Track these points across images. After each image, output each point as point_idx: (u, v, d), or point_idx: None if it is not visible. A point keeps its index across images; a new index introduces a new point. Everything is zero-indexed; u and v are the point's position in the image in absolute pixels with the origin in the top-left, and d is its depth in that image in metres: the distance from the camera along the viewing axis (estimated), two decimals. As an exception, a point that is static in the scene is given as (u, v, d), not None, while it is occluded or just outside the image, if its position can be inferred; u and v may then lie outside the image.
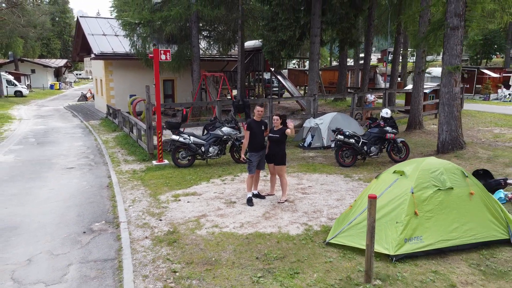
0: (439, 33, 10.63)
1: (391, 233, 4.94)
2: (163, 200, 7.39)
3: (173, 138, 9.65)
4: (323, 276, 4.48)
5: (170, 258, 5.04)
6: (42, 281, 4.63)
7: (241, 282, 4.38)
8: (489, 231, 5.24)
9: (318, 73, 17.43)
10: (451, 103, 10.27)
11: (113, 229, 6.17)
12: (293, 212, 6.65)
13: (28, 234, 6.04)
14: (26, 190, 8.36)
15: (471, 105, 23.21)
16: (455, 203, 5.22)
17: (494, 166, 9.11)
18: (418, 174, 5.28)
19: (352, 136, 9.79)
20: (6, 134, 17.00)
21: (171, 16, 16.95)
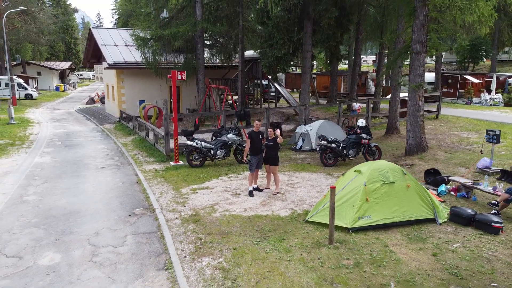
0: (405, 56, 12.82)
1: (349, 213, 7.14)
2: (184, 192, 9.59)
3: (188, 143, 11.85)
4: (301, 241, 6.68)
5: (196, 230, 7.23)
6: (111, 245, 6.83)
7: (246, 244, 6.57)
8: (419, 213, 7.45)
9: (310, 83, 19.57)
10: (416, 114, 12.49)
11: (150, 213, 8.37)
12: (283, 201, 8.85)
13: (89, 216, 8.22)
14: (74, 185, 10.54)
15: (452, 109, 25.36)
16: (395, 193, 7.42)
17: (446, 166, 11.33)
18: (370, 172, 7.49)
19: (333, 141, 12.00)
20: (32, 138, 19.13)
21: (180, 32, 19.15)
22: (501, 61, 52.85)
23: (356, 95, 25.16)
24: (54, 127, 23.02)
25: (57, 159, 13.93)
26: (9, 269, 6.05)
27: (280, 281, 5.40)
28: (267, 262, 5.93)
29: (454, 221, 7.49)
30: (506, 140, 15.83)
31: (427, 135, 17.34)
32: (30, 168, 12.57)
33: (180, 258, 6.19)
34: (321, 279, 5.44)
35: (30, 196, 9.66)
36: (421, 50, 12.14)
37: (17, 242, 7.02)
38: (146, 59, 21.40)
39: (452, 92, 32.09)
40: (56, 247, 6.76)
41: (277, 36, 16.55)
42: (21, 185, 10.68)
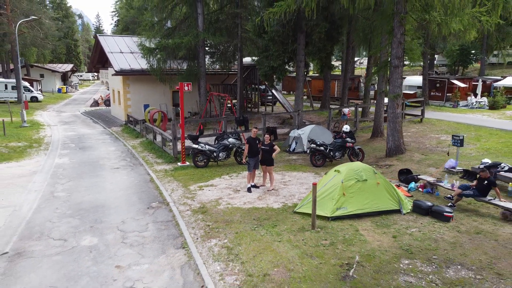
0: (385, 69, 14.48)
1: (329, 205, 8.78)
2: (192, 189, 11.22)
3: (193, 147, 13.47)
4: (289, 227, 8.31)
5: (204, 219, 8.86)
6: (136, 230, 8.45)
7: (245, 230, 8.20)
8: (387, 205, 9.09)
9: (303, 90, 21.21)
10: (395, 120, 14.15)
11: (165, 206, 9.99)
12: (277, 196, 10.49)
13: (113, 209, 9.84)
14: (95, 184, 12.15)
15: (437, 113, 27.04)
16: (367, 188, 9.06)
17: (419, 166, 13.00)
18: (347, 171, 9.14)
19: (322, 145, 13.66)
20: (47, 140, 20.69)
21: (183, 43, 20.76)
22: (491, 63, 54.67)
23: (347, 100, 26.79)
24: (65, 129, 24.56)
25: (75, 160, 15.52)
26: (58, 248, 7.66)
27: (272, 255, 7.03)
28: (262, 242, 7.57)
29: (416, 211, 9.14)
30: (479, 142, 17.55)
31: (410, 138, 19.09)
32: (53, 169, 14.16)
33: (193, 239, 7.83)
34: (303, 254, 7.08)
35: (59, 193, 11.27)
36: (398, 64, 13.80)
37: (59, 229, 8.64)
38: (151, 67, 22.96)
39: (440, 95, 33.78)
40: (92, 233, 8.38)
41: (273, 48, 18.20)
42: (49, 183, 12.27)
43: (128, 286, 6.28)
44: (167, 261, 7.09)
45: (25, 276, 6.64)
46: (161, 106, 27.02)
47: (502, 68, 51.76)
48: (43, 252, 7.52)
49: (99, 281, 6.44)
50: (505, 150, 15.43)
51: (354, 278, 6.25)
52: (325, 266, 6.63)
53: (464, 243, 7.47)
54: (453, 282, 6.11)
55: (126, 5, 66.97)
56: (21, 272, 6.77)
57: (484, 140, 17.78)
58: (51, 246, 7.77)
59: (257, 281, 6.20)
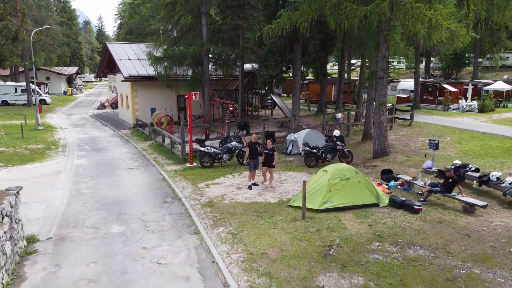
0: (372, 80, 16.12)
1: (318, 199, 10.42)
2: (200, 187, 12.86)
3: (200, 149, 15.13)
4: (283, 218, 9.95)
5: (212, 212, 10.51)
6: (155, 220, 10.10)
7: (246, 220, 9.84)
8: (367, 199, 10.73)
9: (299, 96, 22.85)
10: (380, 125, 15.79)
11: (178, 201, 11.64)
12: (274, 192, 12.13)
13: (134, 203, 11.49)
14: (114, 182, 13.80)
15: (427, 116, 28.58)
16: (350, 186, 10.69)
17: (401, 167, 14.63)
18: (332, 171, 10.78)
19: (314, 147, 15.30)
20: (62, 142, 22.35)
21: (189, 52, 22.42)
22: (485, 66, 56.20)
23: (342, 104, 28.39)
24: (77, 132, 26.22)
25: (92, 161, 17.17)
26: (93, 234, 9.31)
27: (268, 239, 8.67)
28: (260, 229, 9.21)
29: (391, 205, 10.77)
30: (460, 145, 19.19)
31: (398, 140, 20.75)
32: (74, 169, 15.82)
33: (204, 227, 9.48)
34: (294, 238, 8.72)
35: (84, 190, 12.92)
36: (383, 76, 15.44)
37: (90, 219, 10.29)
38: (159, 74, 24.62)
39: (432, 99, 35.39)
40: (118, 222, 10.04)
41: (271, 59, 19.85)
42: (73, 181, 13.93)
43: (155, 261, 7.93)
44: (184, 243, 8.74)
45: (71, 255, 8.29)
46: (167, 110, 28.68)
47: (496, 71, 53.19)
48: (81, 237, 9.17)
49: (131, 258, 8.08)
50: (480, 152, 17.08)
51: (333, 256, 7.89)
52: (311, 247, 8.27)
53: (426, 230, 9.11)
54: (411, 259, 7.75)
55: (130, 9, 68.55)
56: (66, 252, 8.42)
57: (465, 143, 19.41)
58: (87, 232, 9.43)
59: (256, 257, 7.84)
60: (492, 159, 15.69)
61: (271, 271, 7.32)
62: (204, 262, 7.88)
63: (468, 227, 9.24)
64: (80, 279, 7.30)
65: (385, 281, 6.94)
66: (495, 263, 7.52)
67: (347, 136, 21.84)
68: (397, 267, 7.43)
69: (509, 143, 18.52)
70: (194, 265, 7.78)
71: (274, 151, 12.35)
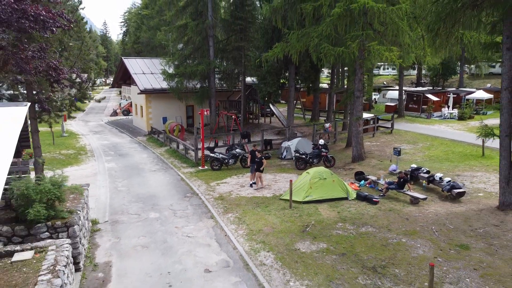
0: (350, 98, 19.65)
1: (302, 194, 13.93)
2: (212, 185, 16.39)
3: (211, 155, 18.66)
4: (276, 207, 13.47)
5: (223, 203, 14.04)
6: (181, 209, 13.64)
7: (248, 208, 13.36)
8: (339, 194, 14.24)
9: (294, 108, 26.39)
10: (357, 135, 19.31)
11: (196, 196, 15.17)
12: (269, 189, 15.65)
13: (162, 198, 15.02)
14: (142, 181, 17.33)
15: (408, 124, 32.00)
16: (326, 184, 14.21)
17: (373, 170, 18.13)
18: (313, 173, 14.31)
19: (304, 153, 18.83)
20: (89, 148, 25.90)
21: (198, 70, 26.00)
22: (473, 74, 59.63)
23: (334, 113, 31.87)
24: (98, 139, 29.76)
25: (120, 165, 20.71)
26: (137, 219, 12.83)
27: (264, 221, 12.18)
28: (258, 215, 12.73)
29: (358, 199, 14.27)
30: (429, 151, 22.66)
31: (377, 147, 24.24)
32: (107, 171, 19.35)
33: (217, 213, 13.01)
34: (282, 220, 12.23)
35: (121, 188, 16.46)
36: (359, 96, 18.98)
37: (132, 209, 13.82)
38: (171, 88, 28.18)
39: (417, 107, 38.89)
40: (154, 211, 13.56)
41: (269, 78, 23.39)
42: (110, 181, 17.46)
43: (185, 235, 11.45)
44: (204, 224, 12.27)
45: (125, 232, 11.82)
46: (177, 118, 32.24)
47: (482, 78, 56.38)
48: (129, 221, 12.70)
49: (168, 233, 11.61)
50: (442, 157, 20.57)
51: (308, 231, 11.41)
52: (294, 226, 11.79)
53: (378, 215, 12.63)
54: (361, 233, 11.25)
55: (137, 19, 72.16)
56: (121, 230, 11.95)
57: (434, 149, 22.89)
58: (132, 217, 12.96)
59: (255, 232, 11.37)
60: (449, 163, 19.22)
61: (265, 240, 10.85)
62: (219, 236, 11.42)
63: (409, 213, 12.76)
64: (136, 246, 10.83)
65: (341, 246, 10.46)
66: (418, 235, 11.04)
67: (334, 143, 25.38)
68: (351, 238, 10.96)
69: (469, 149, 21.99)
70: (212, 237, 11.32)
71: (262, 159, 15.81)
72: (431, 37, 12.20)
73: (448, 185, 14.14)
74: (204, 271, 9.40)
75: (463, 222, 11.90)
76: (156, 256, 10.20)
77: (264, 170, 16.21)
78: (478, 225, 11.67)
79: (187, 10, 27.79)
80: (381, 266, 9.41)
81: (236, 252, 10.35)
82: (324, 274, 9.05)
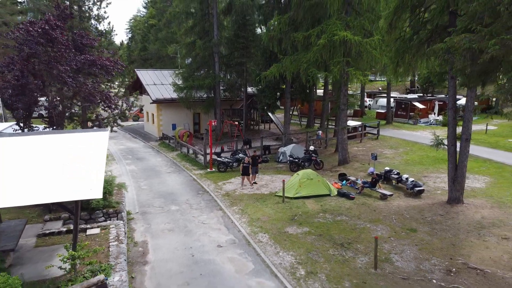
0: (337, 110, 23.03)
1: (292, 191, 17.28)
2: (219, 184, 19.76)
3: (218, 159, 22.03)
4: (272, 201, 16.83)
5: (229, 199, 17.41)
6: (196, 203, 17.01)
7: (250, 203, 16.72)
8: (323, 191, 17.57)
9: (290, 117, 29.76)
10: (343, 142, 22.66)
11: (206, 193, 18.54)
12: (267, 188, 19.01)
13: (179, 194, 18.39)
14: (161, 181, 20.70)
15: (395, 130, 35.30)
16: (313, 183, 17.55)
17: (354, 172, 21.46)
18: (302, 174, 17.67)
19: (296, 158, 22.19)
20: (108, 152, 29.27)
21: (205, 84, 29.41)
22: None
23: (327, 120, 35.20)
24: (115, 143, 33.14)
25: (140, 167, 24.09)
26: (160, 210, 16.19)
27: (262, 212, 15.54)
28: (257, 208, 16.08)
29: (338, 195, 17.59)
30: (407, 155, 25.97)
31: (363, 152, 27.55)
32: (129, 173, 22.73)
33: (225, 206, 16.37)
34: (276, 211, 15.58)
35: (143, 186, 19.83)
36: (344, 108, 22.33)
37: (155, 203, 17.18)
38: (180, 98, 31.57)
39: (405, 114, 42.22)
40: (174, 204, 16.92)
41: (267, 91, 26.75)
42: (133, 181, 20.83)
43: (200, 222, 14.80)
44: (215, 214, 15.63)
45: (153, 220, 15.17)
46: (185, 125, 35.62)
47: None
48: (155, 212, 16.06)
49: (187, 221, 14.95)
50: (417, 161, 23.89)
51: (296, 219, 14.75)
52: (285, 216, 15.14)
53: (352, 208, 15.96)
54: (337, 221, 14.59)
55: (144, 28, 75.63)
56: (150, 219, 15.30)
57: (411, 153, 26.21)
58: (157, 209, 16.32)
59: (255, 220, 14.71)
60: (421, 166, 22.56)
61: (262, 226, 14.20)
62: (227, 222, 14.77)
63: (377, 206, 16.10)
64: (163, 230, 14.19)
65: (319, 229, 13.80)
66: (380, 222, 14.38)
67: (326, 148, 28.73)
68: (328, 224, 14.30)
69: (442, 154, 25.21)
70: (221, 223, 14.68)
71: (250, 164, 19.07)
72: (393, 67, 15.55)
73: (411, 184, 17.48)
74: (217, 246, 12.75)
75: (418, 213, 15.25)
76: (180, 236, 13.56)
77: (259, 171, 19.56)
78: (428, 215, 15.01)
79: (195, 29, 31.22)
80: (348, 243, 12.75)
81: (240, 233, 13.70)
82: (304, 248, 12.39)
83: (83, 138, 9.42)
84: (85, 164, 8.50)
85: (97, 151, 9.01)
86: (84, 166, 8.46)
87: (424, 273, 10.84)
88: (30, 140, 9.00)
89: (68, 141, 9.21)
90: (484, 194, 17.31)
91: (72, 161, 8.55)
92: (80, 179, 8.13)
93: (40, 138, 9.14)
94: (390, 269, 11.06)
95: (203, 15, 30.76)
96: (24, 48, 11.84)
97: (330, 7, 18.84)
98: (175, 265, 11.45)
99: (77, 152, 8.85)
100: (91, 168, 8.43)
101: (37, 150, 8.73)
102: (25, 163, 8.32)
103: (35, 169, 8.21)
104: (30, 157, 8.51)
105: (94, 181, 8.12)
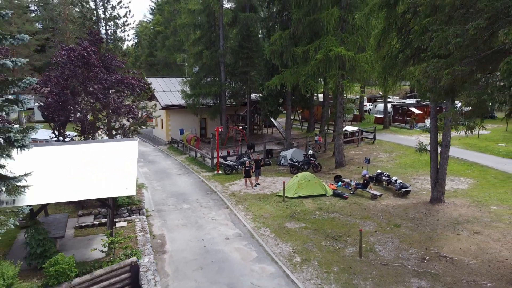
0: (334, 116, 24.96)
1: (292, 191, 19.22)
2: (225, 185, 21.74)
3: (224, 162, 24.02)
4: (273, 201, 18.78)
5: (235, 198, 19.38)
6: (205, 202, 18.99)
7: (254, 202, 18.68)
8: (319, 192, 19.51)
9: (291, 123, 31.71)
10: (339, 147, 24.58)
11: (214, 193, 20.52)
12: (269, 189, 20.96)
13: (189, 194, 20.39)
14: (172, 183, 22.71)
15: (391, 135, 37.11)
16: (310, 184, 19.48)
17: (349, 174, 23.37)
18: (300, 176, 19.62)
19: (296, 161, 24.14)
20: (121, 155, 31.36)
21: (212, 91, 31.46)
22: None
23: (327, 125, 37.11)
24: (126, 147, 35.24)
25: (152, 170, 26.12)
26: (174, 208, 18.19)
27: (264, 210, 17.49)
28: (260, 206, 18.04)
29: (333, 195, 19.51)
30: (400, 159, 27.82)
31: (359, 155, 29.45)
32: (143, 175, 24.75)
33: (231, 205, 18.34)
34: (277, 209, 17.53)
35: (157, 187, 21.84)
36: (341, 116, 24.27)
37: (169, 202, 19.18)
38: (188, 105, 33.63)
39: (402, 119, 44.04)
40: (185, 203, 18.91)
41: (270, 99, 28.74)
42: (147, 182, 22.84)
43: (210, 218, 16.78)
44: (222, 212, 17.61)
45: (168, 216, 17.17)
46: (192, 129, 37.66)
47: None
48: (169, 209, 18.05)
49: (198, 217, 16.93)
50: (408, 164, 25.76)
51: (295, 216, 16.69)
52: (285, 213, 17.09)
53: (345, 207, 17.88)
54: (331, 218, 16.51)
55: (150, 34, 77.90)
56: (165, 215, 17.30)
57: (404, 157, 28.07)
58: (170, 207, 18.32)
59: (258, 217, 16.67)
60: (411, 169, 24.45)
61: (264, 222, 16.16)
62: (233, 219, 16.74)
63: (367, 205, 18.02)
64: (177, 225, 16.18)
65: (315, 225, 15.74)
66: (369, 219, 16.30)
67: (324, 152, 30.66)
68: (322, 220, 16.24)
69: (433, 157, 27.13)
70: (229, 220, 16.65)
71: (251, 167, 21.03)
72: (381, 81, 17.49)
73: (399, 185, 19.39)
74: (225, 238, 14.72)
75: (403, 211, 17.15)
76: (192, 230, 15.54)
77: (260, 174, 21.52)
78: (412, 212, 16.91)
79: (202, 40, 33.30)
80: (339, 236, 14.68)
81: (245, 228, 15.67)
82: (301, 240, 14.34)
83: (117, 146, 11.45)
84: (120, 168, 10.51)
85: (129, 157, 11.02)
86: (119, 169, 10.47)
87: (401, 260, 12.75)
88: (76, 148, 11.03)
89: (106, 149, 11.24)
90: (465, 194, 19.18)
91: (111, 165, 10.57)
92: (117, 180, 10.14)
93: (83, 147, 11.18)
94: (373, 257, 12.98)
95: (209, 27, 32.84)
96: (65, 70, 13.95)
97: (327, 24, 20.81)
98: (189, 254, 13.43)
99: (113, 158, 10.87)
100: (125, 171, 10.44)
101: (82, 156, 10.76)
102: (73, 167, 10.35)
103: (82, 172, 10.23)
104: (77, 162, 10.54)
105: (128, 182, 10.13)
